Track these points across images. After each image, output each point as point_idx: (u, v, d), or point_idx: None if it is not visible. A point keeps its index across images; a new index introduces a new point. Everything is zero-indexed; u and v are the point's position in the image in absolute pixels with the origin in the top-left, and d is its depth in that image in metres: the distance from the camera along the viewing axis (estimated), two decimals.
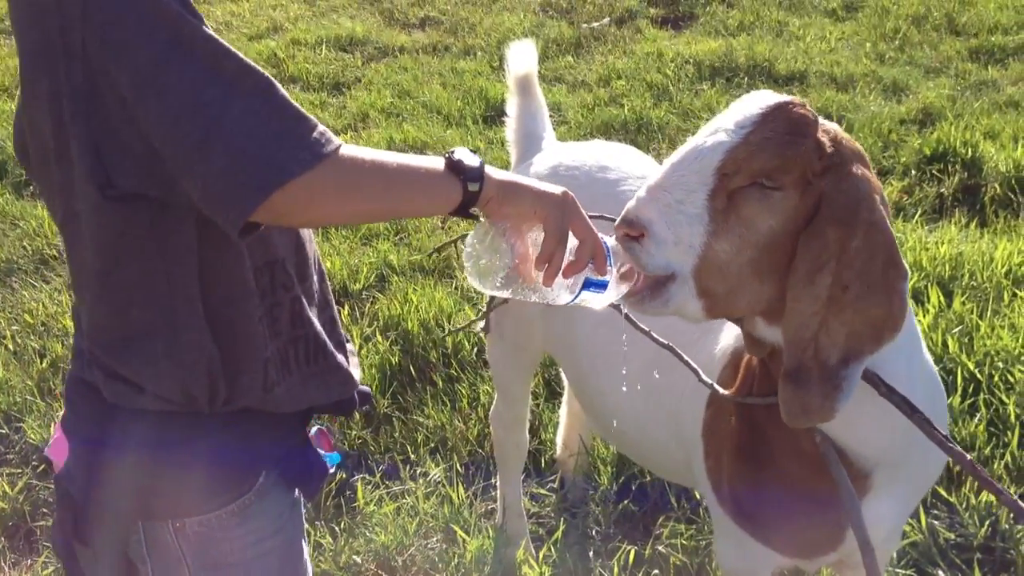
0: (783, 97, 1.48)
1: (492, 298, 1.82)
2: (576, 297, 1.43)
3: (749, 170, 1.42)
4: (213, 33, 1.27)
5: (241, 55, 1.27)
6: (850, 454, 1.60)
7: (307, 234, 1.54)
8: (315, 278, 1.56)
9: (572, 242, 1.41)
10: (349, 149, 1.31)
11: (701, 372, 1.71)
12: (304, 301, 1.52)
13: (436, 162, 1.38)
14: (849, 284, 1.41)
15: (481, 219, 1.42)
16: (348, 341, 1.65)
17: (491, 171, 1.39)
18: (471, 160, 1.37)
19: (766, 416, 1.66)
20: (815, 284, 1.41)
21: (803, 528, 1.75)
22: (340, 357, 1.58)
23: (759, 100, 1.47)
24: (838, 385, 1.43)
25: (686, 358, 1.69)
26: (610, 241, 1.45)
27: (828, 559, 1.86)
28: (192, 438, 1.45)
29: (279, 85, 1.28)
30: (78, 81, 1.26)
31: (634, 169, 2.24)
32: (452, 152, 1.38)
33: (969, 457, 1.43)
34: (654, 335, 1.71)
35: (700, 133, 1.49)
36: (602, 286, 1.43)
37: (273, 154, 1.24)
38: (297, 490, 1.60)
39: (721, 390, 1.68)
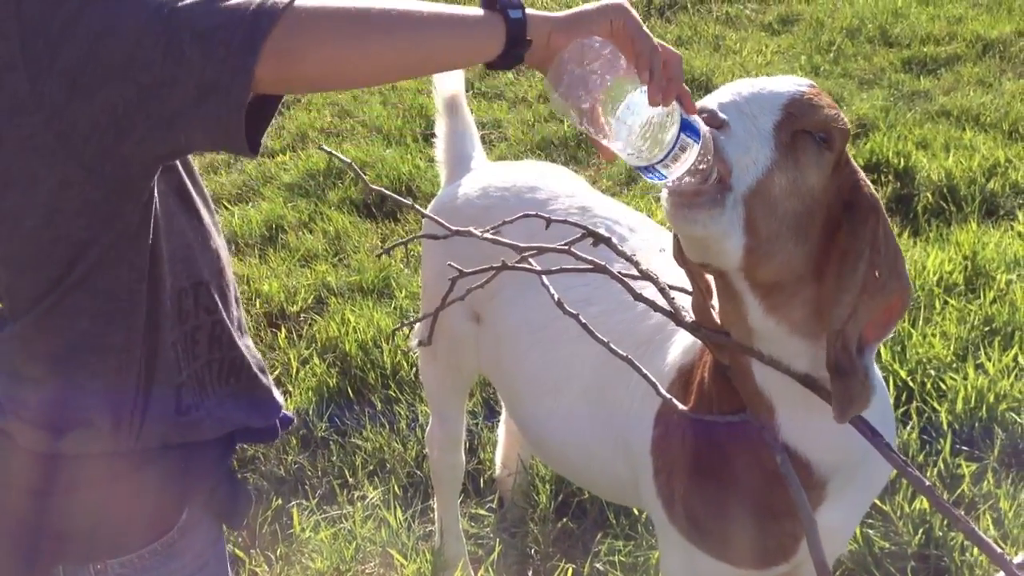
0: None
1: (438, 310, 1.75)
2: (677, 141, 1.22)
3: (814, 118, 1.40)
4: None
5: None
6: (812, 463, 1.60)
7: (227, 257, 1.52)
8: (235, 303, 1.54)
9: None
10: None
11: (660, 387, 1.66)
12: (228, 325, 1.49)
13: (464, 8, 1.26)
14: (880, 270, 1.43)
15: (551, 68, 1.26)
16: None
17: (538, 12, 1.27)
18: None
19: (726, 433, 1.66)
20: (858, 272, 1.41)
21: (758, 540, 1.75)
22: (262, 378, 1.56)
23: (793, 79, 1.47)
24: (865, 373, 1.43)
25: (644, 371, 1.65)
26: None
27: (780, 570, 1.87)
28: (112, 479, 1.41)
29: None
30: (25, 91, 1.21)
31: (563, 189, 2.24)
32: None
33: (927, 482, 1.43)
34: (612, 346, 1.67)
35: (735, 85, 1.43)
36: (695, 132, 1.25)
37: (244, 13, 1.15)
38: (222, 523, 1.58)
39: (680, 406, 1.66)
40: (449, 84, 2.55)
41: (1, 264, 1.34)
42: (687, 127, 1.24)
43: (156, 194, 1.35)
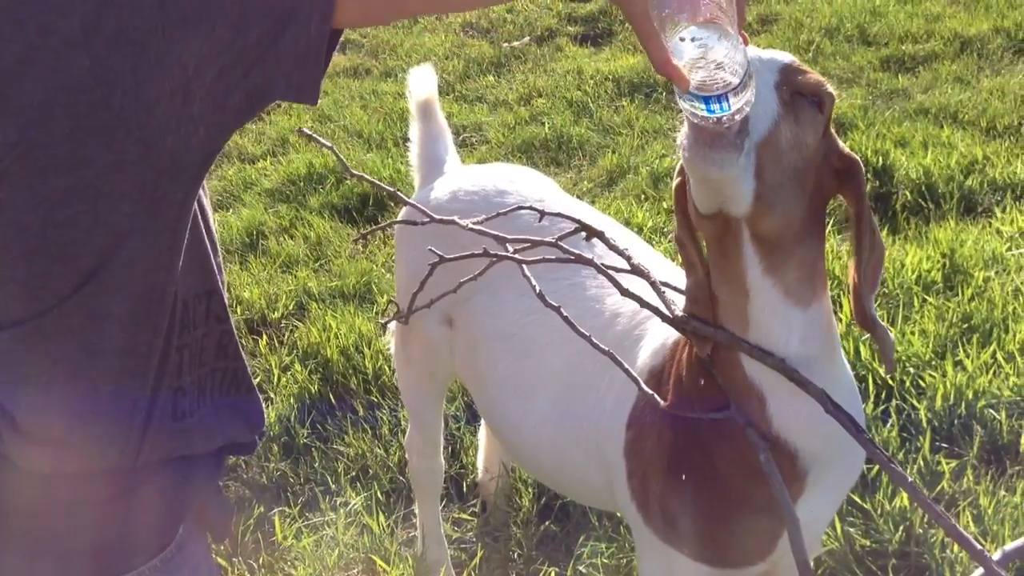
0: None
1: (415, 293, 1.75)
2: (748, 66, 1.28)
3: (807, 81, 1.48)
4: None
5: None
6: (799, 452, 1.61)
7: (223, 278, 1.52)
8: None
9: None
10: None
11: (642, 382, 1.64)
12: (235, 335, 1.50)
13: None
14: (874, 228, 1.57)
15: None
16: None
17: None
18: None
19: (710, 429, 1.66)
20: (867, 232, 1.55)
21: (736, 538, 1.76)
22: (256, 391, 1.58)
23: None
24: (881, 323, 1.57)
25: (626, 366, 1.64)
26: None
27: (757, 569, 1.87)
28: (115, 496, 1.41)
29: None
30: (84, 67, 1.18)
31: (533, 193, 2.24)
32: None
33: (909, 478, 1.44)
34: (593, 340, 1.66)
35: None
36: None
37: None
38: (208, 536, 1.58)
39: (662, 402, 1.66)
40: (422, 88, 2.56)
41: (31, 254, 1.27)
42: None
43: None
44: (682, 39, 1.25)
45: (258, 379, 3.55)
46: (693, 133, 1.36)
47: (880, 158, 4.49)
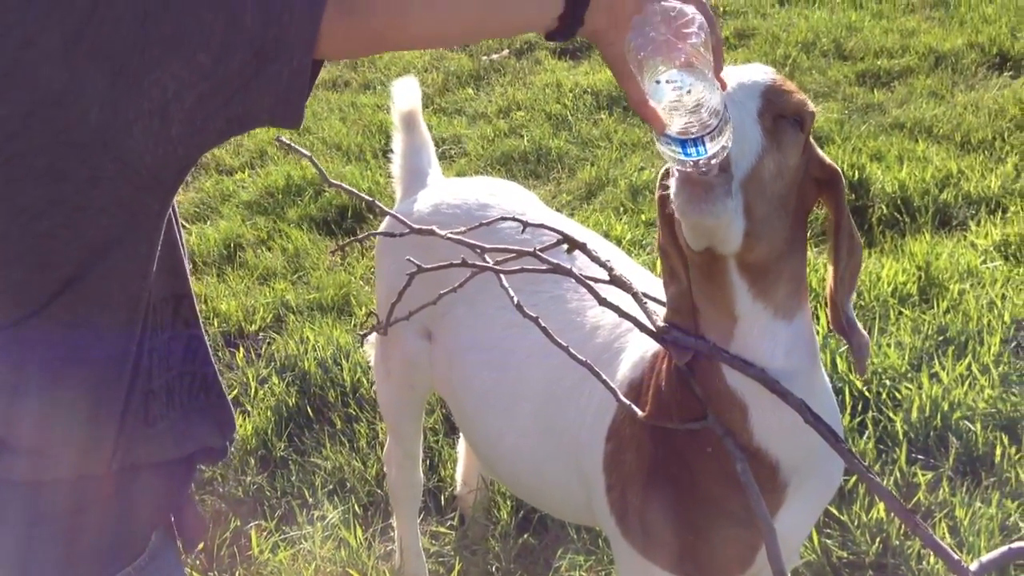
0: None
1: (393, 304, 1.74)
2: (725, 110, 1.27)
3: (790, 103, 1.47)
4: None
5: None
6: (780, 463, 1.62)
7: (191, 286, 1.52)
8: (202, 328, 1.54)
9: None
10: None
11: (619, 393, 1.66)
12: (204, 340, 1.50)
13: None
14: (852, 233, 1.58)
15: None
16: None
17: None
18: None
19: (687, 440, 1.66)
20: (845, 239, 1.56)
21: (715, 551, 1.76)
22: (226, 398, 1.56)
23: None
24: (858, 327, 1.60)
25: (603, 377, 1.65)
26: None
27: None
28: (86, 506, 1.39)
29: None
30: (63, 81, 1.17)
31: (515, 206, 2.24)
32: None
33: (887, 488, 1.45)
34: (571, 351, 1.66)
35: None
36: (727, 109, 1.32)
37: None
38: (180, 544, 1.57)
39: (639, 412, 1.66)
40: (406, 100, 2.56)
41: (12, 262, 1.27)
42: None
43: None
44: (658, 82, 1.25)
45: (235, 392, 3.53)
46: (685, 187, 1.35)
47: (856, 172, 4.52)
